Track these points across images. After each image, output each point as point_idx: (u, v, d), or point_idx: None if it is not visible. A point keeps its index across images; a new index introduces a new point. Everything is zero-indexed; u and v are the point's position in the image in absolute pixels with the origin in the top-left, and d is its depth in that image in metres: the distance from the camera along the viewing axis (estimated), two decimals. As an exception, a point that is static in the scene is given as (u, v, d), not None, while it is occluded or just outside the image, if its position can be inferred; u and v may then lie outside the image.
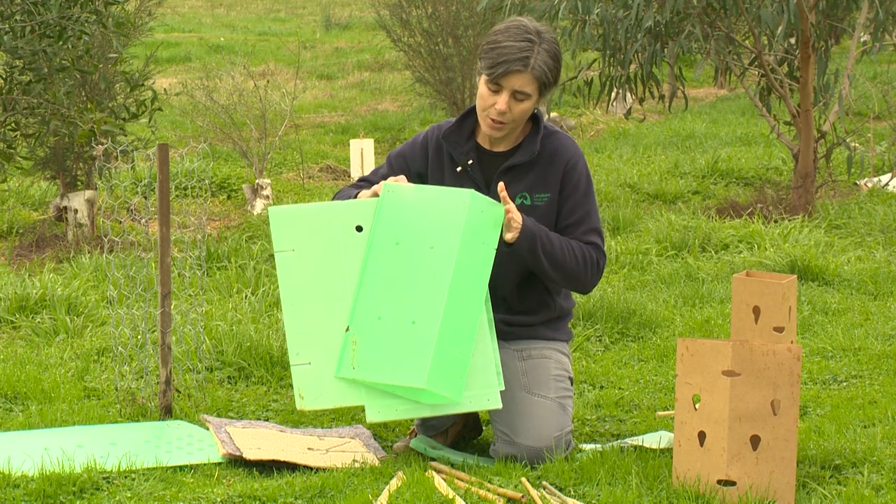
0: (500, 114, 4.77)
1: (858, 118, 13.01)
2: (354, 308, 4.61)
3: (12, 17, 8.22)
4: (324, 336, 4.63)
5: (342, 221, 4.70)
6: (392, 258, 4.63)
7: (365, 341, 4.58)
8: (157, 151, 5.24)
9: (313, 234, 4.69)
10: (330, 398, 4.63)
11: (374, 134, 13.45)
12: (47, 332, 6.69)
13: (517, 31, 4.77)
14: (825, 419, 5.17)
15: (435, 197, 4.68)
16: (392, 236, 4.64)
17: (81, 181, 9.61)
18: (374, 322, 4.59)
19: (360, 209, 4.73)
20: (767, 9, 9.01)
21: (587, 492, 4.40)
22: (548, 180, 4.87)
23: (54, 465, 4.59)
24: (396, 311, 4.57)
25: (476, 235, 4.61)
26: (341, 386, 4.61)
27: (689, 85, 14.23)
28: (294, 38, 19.97)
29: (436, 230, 4.62)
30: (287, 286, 4.68)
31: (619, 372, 6.01)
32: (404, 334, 4.54)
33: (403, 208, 4.66)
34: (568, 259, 4.78)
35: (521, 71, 4.73)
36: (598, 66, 9.91)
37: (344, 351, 4.59)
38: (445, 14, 13.49)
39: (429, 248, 4.60)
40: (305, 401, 4.62)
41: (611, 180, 10.99)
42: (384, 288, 4.61)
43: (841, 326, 6.63)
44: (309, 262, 4.68)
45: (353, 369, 4.57)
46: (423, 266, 4.59)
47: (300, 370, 4.63)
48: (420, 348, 4.50)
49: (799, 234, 8.59)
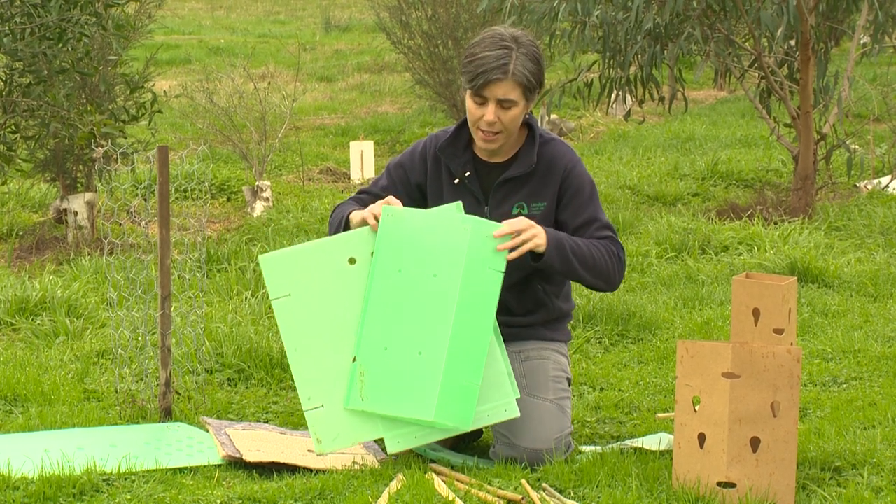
0: (489, 125, 4.77)
1: (858, 120, 13.01)
2: (360, 338, 4.59)
3: (12, 19, 8.22)
4: (332, 377, 4.62)
5: (334, 258, 4.66)
6: (395, 286, 4.59)
7: (373, 372, 4.57)
8: (157, 153, 5.24)
9: (307, 275, 4.65)
10: (347, 437, 4.63)
11: (373, 136, 13.45)
12: (47, 334, 6.69)
13: (493, 41, 4.75)
14: (825, 421, 5.17)
15: (436, 222, 4.62)
16: (394, 263, 4.60)
17: (81, 183, 9.61)
18: (380, 352, 4.57)
19: (350, 242, 4.68)
20: (767, 11, 9.01)
21: (587, 494, 4.40)
22: (545, 190, 4.87)
23: (54, 467, 4.59)
24: (402, 342, 4.56)
25: (481, 261, 4.57)
26: (356, 422, 4.60)
27: (689, 87, 14.22)
28: (294, 40, 19.97)
29: (438, 257, 4.57)
30: (288, 332, 4.65)
31: (619, 374, 6.01)
32: (411, 365, 4.53)
33: (404, 234, 4.62)
34: (596, 256, 4.77)
35: (501, 79, 4.72)
36: (598, 68, 9.91)
37: (352, 382, 4.58)
38: (445, 16, 13.50)
39: (432, 275, 4.57)
40: (324, 444, 4.62)
41: (610, 182, 11.00)
42: (389, 317, 4.58)
43: (841, 328, 6.63)
44: (307, 305, 4.65)
45: (361, 401, 4.57)
46: (427, 294, 4.56)
47: (314, 414, 4.62)
48: (427, 381, 4.50)
49: (799, 235, 8.59)
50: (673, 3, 8.85)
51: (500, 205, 4.87)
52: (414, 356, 4.53)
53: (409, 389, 4.52)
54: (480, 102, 4.77)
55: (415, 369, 4.52)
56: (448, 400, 4.50)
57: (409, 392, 4.52)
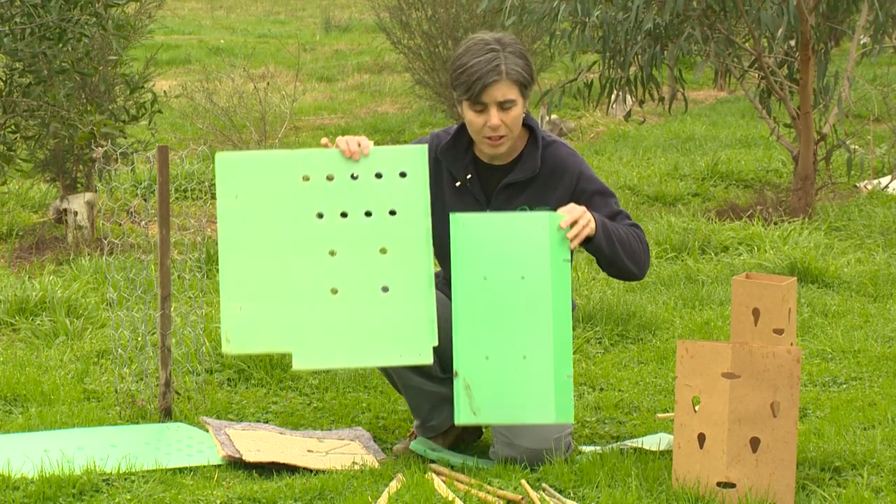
0: (494, 129, 4.77)
1: (858, 120, 13.00)
2: (457, 351, 4.57)
3: (12, 19, 8.22)
4: (258, 283, 4.62)
5: (289, 172, 4.66)
6: (483, 294, 4.57)
7: (479, 384, 4.53)
8: (157, 154, 5.24)
9: (259, 182, 4.66)
10: (257, 344, 4.64)
11: (373, 136, 13.44)
12: (47, 334, 6.69)
13: (478, 48, 4.78)
14: (825, 421, 5.17)
15: (510, 224, 4.59)
16: (477, 271, 4.58)
17: (81, 183, 9.61)
18: (482, 363, 4.54)
19: (308, 160, 4.69)
20: (767, 11, 9.01)
21: (587, 494, 4.40)
22: (549, 194, 4.85)
23: (54, 467, 4.59)
24: (503, 348, 4.54)
25: (558, 254, 4.57)
26: (270, 332, 4.61)
27: (689, 87, 14.21)
28: (294, 40, 19.97)
29: (522, 259, 4.55)
30: (227, 231, 4.65)
31: (619, 374, 6.01)
32: (518, 370, 4.51)
33: (480, 240, 4.60)
34: (632, 241, 4.77)
35: (497, 80, 4.73)
36: (598, 69, 9.91)
37: (459, 397, 4.54)
38: (445, 16, 13.50)
39: (520, 278, 4.55)
40: (232, 344, 4.61)
41: (610, 182, 10.99)
42: (483, 326, 4.56)
43: (840, 328, 6.63)
44: (251, 209, 4.65)
45: (474, 415, 4.54)
46: (519, 298, 4.54)
47: (230, 314, 4.61)
48: (539, 383, 4.48)
49: (799, 236, 8.59)
50: (673, 4, 8.85)
51: (502, 208, 4.86)
52: (519, 361, 4.51)
53: (522, 395, 4.50)
54: (480, 110, 4.77)
55: (523, 373, 4.50)
56: (559, 397, 4.49)
57: (523, 397, 4.50)
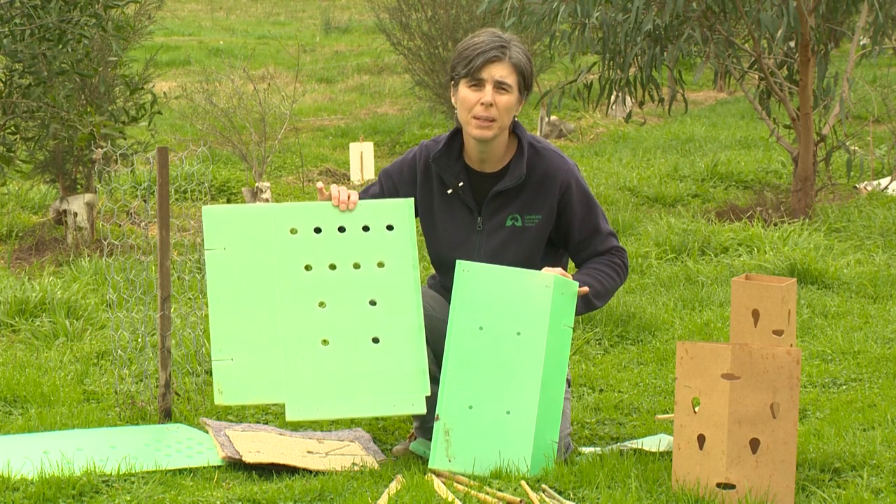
0: (486, 107, 4.78)
1: (858, 121, 13.01)
2: (442, 396, 4.61)
3: (12, 20, 8.22)
4: (248, 334, 4.70)
5: (276, 224, 4.76)
6: (476, 343, 4.63)
7: (458, 431, 4.59)
8: (157, 155, 5.24)
9: (246, 235, 4.75)
10: (250, 394, 4.70)
11: (373, 137, 13.44)
12: (47, 335, 6.69)
13: (487, 34, 4.86)
14: (824, 422, 5.17)
15: (515, 279, 4.66)
16: (474, 320, 4.64)
17: (81, 184, 9.61)
18: (465, 411, 4.60)
19: (295, 213, 4.79)
20: (767, 12, 9.02)
21: (586, 495, 4.40)
22: (540, 203, 4.88)
23: (54, 468, 4.59)
24: (488, 401, 4.59)
25: (559, 318, 4.63)
26: (262, 383, 4.68)
27: (689, 88, 14.22)
28: (294, 41, 19.97)
29: (521, 315, 4.62)
30: (215, 283, 4.72)
31: (619, 375, 6.01)
32: (500, 425, 4.57)
33: (483, 290, 4.65)
34: (611, 286, 4.89)
35: (500, 58, 4.79)
36: (598, 70, 9.91)
37: (437, 441, 4.59)
38: (445, 17, 13.51)
39: (515, 333, 4.61)
40: (224, 395, 4.68)
41: (610, 184, 11.00)
42: (472, 375, 4.61)
43: (840, 330, 6.63)
44: (239, 262, 4.73)
45: (449, 462, 4.59)
46: (512, 353, 4.60)
47: (222, 366, 4.69)
48: (519, 440, 4.55)
49: (798, 237, 8.60)
50: (672, 5, 8.85)
51: (493, 216, 4.88)
52: (502, 415, 4.58)
53: (500, 449, 4.55)
54: (476, 85, 4.80)
55: (504, 428, 4.57)
56: (537, 456, 4.56)
57: (500, 451, 4.55)
